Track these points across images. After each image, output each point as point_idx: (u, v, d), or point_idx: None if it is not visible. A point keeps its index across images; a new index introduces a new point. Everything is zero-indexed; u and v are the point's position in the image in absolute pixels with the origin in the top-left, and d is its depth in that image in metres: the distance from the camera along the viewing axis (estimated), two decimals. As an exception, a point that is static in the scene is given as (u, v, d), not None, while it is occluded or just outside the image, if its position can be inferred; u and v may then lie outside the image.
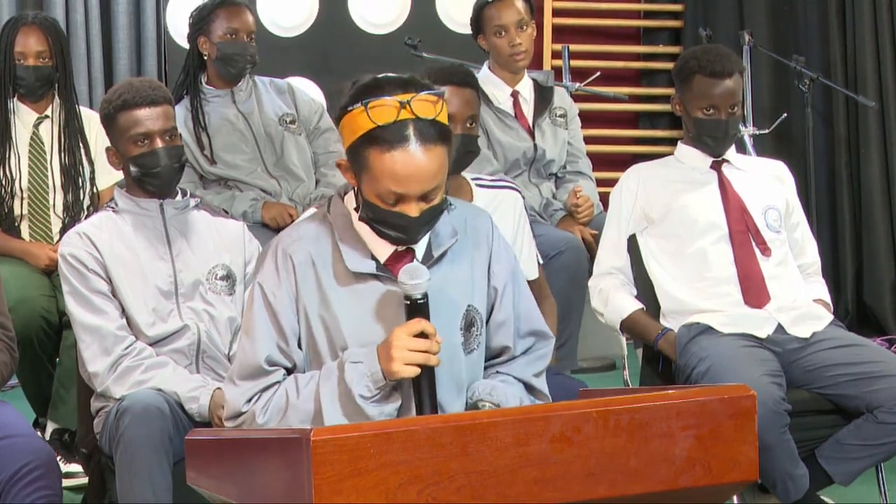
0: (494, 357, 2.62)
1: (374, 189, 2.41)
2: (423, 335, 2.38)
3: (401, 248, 2.49)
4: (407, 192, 2.39)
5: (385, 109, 2.37)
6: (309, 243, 2.51)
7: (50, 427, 4.05)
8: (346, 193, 2.56)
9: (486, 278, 2.59)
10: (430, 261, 2.50)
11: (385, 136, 2.37)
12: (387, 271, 2.49)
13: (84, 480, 3.82)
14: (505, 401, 2.50)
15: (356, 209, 2.51)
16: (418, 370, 2.38)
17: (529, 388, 2.60)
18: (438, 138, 2.40)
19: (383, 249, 2.50)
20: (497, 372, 2.61)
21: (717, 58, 3.59)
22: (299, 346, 2.52)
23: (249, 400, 2.49)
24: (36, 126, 4.24)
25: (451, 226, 2.56)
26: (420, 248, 2.52)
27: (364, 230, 2.50)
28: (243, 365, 2.51)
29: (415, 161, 2.37)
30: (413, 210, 2.41)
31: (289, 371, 2.52)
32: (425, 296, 2.40)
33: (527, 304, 2.65)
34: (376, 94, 2.39)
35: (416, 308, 2.40)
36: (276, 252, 2.51)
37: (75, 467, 3.91)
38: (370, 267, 2.48)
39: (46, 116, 4.26)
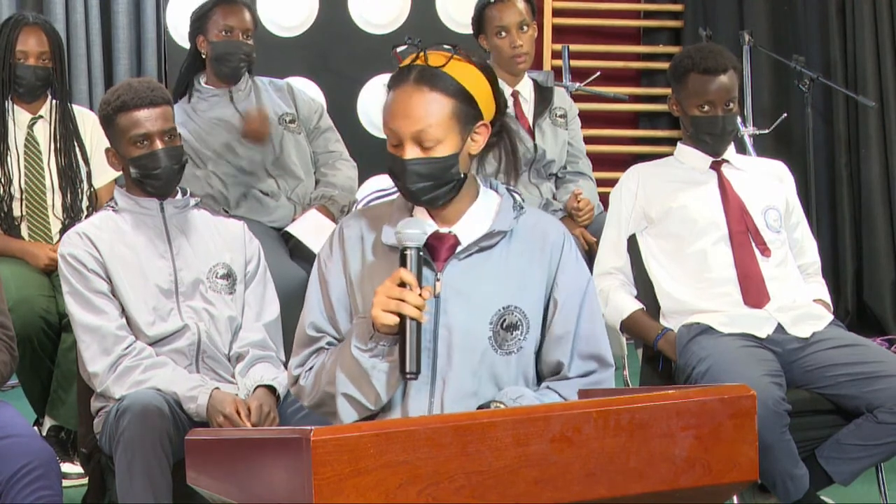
0: (551, 373, 2.62)
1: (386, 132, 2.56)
2: (403, 285, 2.44)
3: (444, 230, 2.57)
4: (396, 129, 2.52)
5: (408, 57, 2.56)
6: (364, 220, 2.66)
7: (47, 423, 4.06)
8: None
9: (546, 286, 2.61)
10: (472, 249, 2.57)
11: (395, 78, 2.55)
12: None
13: (81, 480, 3.82)
14: None
15: None
16: (396, 318, 2.43)
17: None
18: (438, 85, 2.51)
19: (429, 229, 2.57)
20: (547, 387, 2.61)
21: (710, 54, 3.60)
22: (352, 320, 2.61)
23: (300, 366, 2.64)
24: (30, 126, 4.24)
25: (512, 225, 2.61)
26: (468, 237, 2.59)
27: (418, 210, 2.61)
28: (298, 334, 2.67)
29: (405, 97, 2.51)
30: (405, 153, 2.52)
31: (338, 342, 2.62)
32: (419, 248, 2.47)
33: (592, 326, 2.64)
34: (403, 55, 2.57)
35: (410, 259, 2.47)
36: (336, 228, 2.68)
37: (70, 467, 3.91)
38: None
39: (41, 117, 4.26)
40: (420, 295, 2.43)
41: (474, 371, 2.54)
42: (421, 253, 2.48)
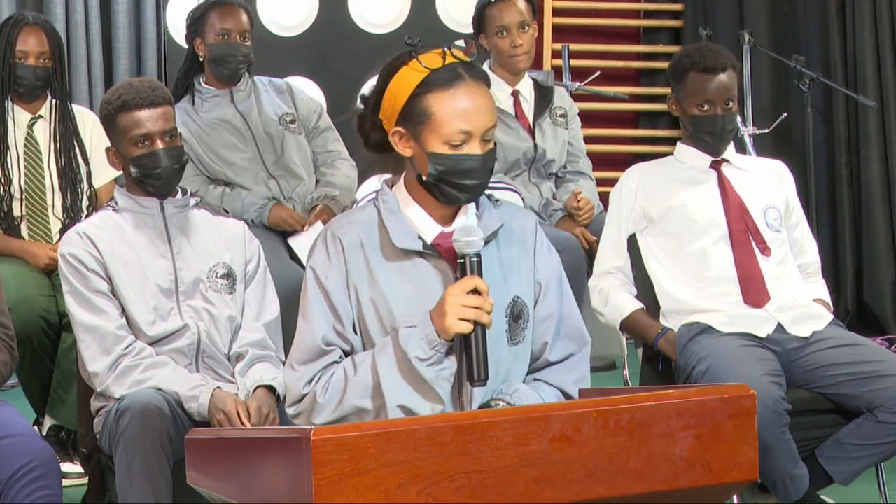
0: (536, 355, 2.62)
1: (440, 135, 2.47)
2: (476, 293, 2.41)
3: (447, 230, 2.53)
4: (473, 128, 2.47)
5: (432, 57, 2.50)
6: (358, 227, 2.57)
7: (47, 423, 4.06)
8: (393, 185, 2.61)
9: (533, 273, 2.62)
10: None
11: (442, 78, 2.48)
12: (433, 250, 2.53)
13: (81, 480, 3.82)
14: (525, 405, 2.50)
15: (418, 178, 2.53)
16: (471, 326, 2.40)
17: (566, 396, 2.60)
18: (486, 79, 2.52)
19: (430, 230, 2.55)
20: (535, 379, 2.61)
21: (709, 53, 3.60)
22: (354, 331, 2.55)
23: (310, 382, 2.53)
24: (30, 126, 4.24)
25: (498, 216, 2.60)
26: None
27: (411, 212, 2.56)
28: (301, 348, 2.55)
29: (476, 95, 2.48)
30: (478, 149, 2.48)
31: (346, 354, 2.56)
32: (478, 255, 2.44)
33: (570, 306, 2.66)
34: (410, 57, 2.50)
35: (470, 266, 2.43)
36: (326, 236, 2.58)
37: (70, 467, 3.91)
38: (417, 244, 2.53)
39: (40, 116, 4.26)
40: (489, 301, 2.42)
41: (496, 365, 2.52)
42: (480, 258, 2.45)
